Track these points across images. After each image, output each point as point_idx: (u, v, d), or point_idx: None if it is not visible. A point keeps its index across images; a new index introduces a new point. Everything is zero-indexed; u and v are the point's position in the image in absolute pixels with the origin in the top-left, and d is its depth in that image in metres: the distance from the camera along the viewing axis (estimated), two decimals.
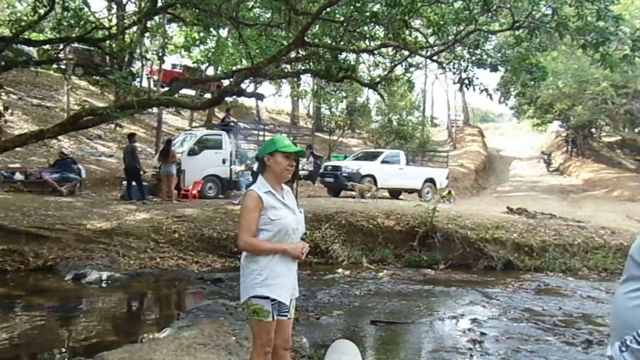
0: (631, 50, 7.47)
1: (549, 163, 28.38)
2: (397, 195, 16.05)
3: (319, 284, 7.41)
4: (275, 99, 40.35)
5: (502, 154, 32.55)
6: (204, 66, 22.98)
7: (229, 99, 18.62)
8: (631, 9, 16.71)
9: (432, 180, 16.01)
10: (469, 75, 8.80)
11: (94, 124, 9.59)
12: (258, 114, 29.70)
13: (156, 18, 13.51)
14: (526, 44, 8.70)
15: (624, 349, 1.24)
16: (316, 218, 9.50)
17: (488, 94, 8.98)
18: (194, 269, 7.93)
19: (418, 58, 10.85)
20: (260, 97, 17.60)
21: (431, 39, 9.81)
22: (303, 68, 11.21)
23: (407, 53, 10.08)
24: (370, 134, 29.12)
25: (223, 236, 8.75)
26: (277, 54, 8.95)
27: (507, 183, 25.15)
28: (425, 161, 19.38)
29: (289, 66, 11.46)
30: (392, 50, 10.83)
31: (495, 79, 62.90)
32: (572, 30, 7.54)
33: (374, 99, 27.54)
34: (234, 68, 15.67)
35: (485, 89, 8.88)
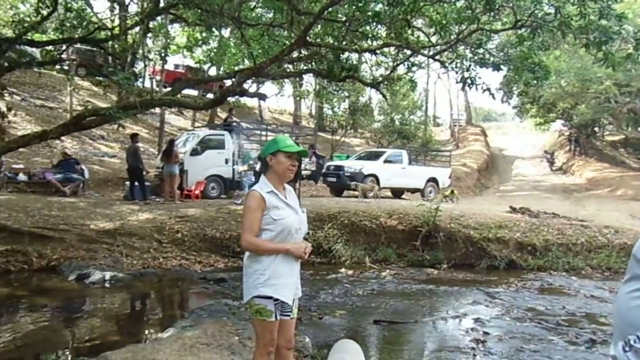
0: (634, 48, 7.43)
1: (552, 162, 28.23)
2: (400, 194, 16.02)
3: (321, 283, 7.41)
4: (277, 99, 40.38)
5: (505, 153, 32.46)
6: (207, 66, 23.05)
7: (232, 99, 18.65)
8: (634, 8, 16.61)
9: (435, 179, 16.02)
10: (471, 75, 8.79)
11: (97, 125, 9.63)
12: (260, 114, 29.71)
13: (158, 18, 13.55)
14: (529, 43, 8.67)
15: (627, 348, 1.23)
16: (319, 218, 9.51)
17: (490, 93, 8.96)
18: (197, 269, 7.95)
19: (420, 57, 10.81)
20: (262, 97, 17.59)
21: (433, 39, 9.78)
22: (305, 68, 11.20)
23: (410, 52, 10.06)
24: (373, 133, 29.11)
25: (226, 236, 8.77)
26: (280, 54, 8.95)
27: (510, 182, 25.07)
28: (428, 161, 19.38)
29: (292, 66, 11.48)
30: (395, 50, 10.83)
31: (497, 78, 62.74)
32: (575, 29, 7.51)
33: (376, 98, 27.59)
34: (237, 68, 15.70)
35: (488, 88, 8.87)
